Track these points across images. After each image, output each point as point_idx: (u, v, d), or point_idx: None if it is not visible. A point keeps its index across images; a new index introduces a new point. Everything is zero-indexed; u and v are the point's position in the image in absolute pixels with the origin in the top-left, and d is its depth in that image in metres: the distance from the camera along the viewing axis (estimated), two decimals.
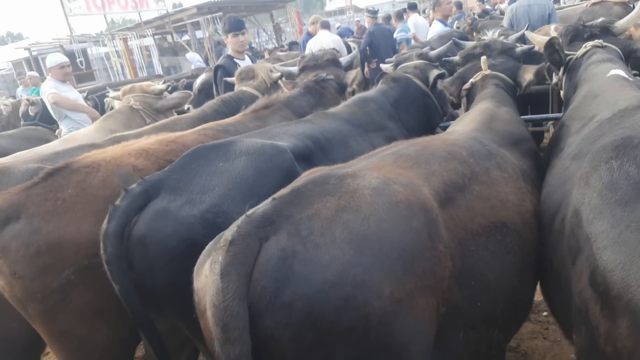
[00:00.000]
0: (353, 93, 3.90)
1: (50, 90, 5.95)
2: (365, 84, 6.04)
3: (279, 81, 4.37)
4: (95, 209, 2.21)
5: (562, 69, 3.17)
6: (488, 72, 3.11)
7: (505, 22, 6.59)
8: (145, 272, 2.02)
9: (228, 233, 1.46)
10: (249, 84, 4.33)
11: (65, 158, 2.82)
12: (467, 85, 3.17)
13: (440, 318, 1.58)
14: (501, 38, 3.72)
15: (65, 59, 6.28)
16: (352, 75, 3.97)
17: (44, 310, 2.13)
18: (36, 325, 2.20)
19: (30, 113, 6.86)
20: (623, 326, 1.37)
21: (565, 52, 3.15)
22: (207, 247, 1.63)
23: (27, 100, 7.07)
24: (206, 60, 15.21)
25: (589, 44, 3.03)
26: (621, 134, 1.73)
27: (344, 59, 4.32)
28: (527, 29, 4.50)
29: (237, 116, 3.40)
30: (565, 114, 2.72)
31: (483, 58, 3.15)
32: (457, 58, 3.55)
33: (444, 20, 7.63)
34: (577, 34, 3.24)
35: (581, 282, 1.56)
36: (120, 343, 2.36)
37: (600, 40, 3.03)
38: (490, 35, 3.74)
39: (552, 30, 4.23)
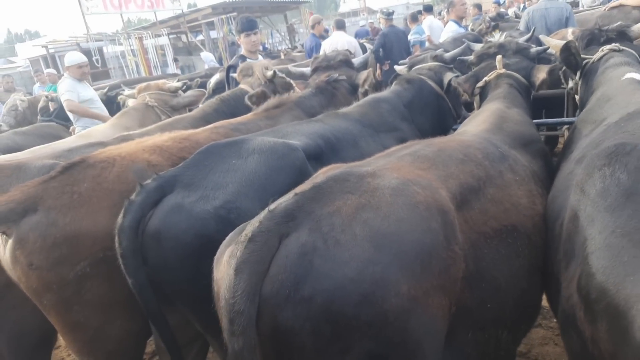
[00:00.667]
0: (366, 94, 3.89)
1: (66, 96, 5.97)
2: (378, 86, 6.03)
3: (291, 81, 4.38)
4: (111, 203, 2.25)
5: (578, 73, 3.15)
6: (502, 71, 3.10)
7: (521, 26, 6.54)
8: (159, 266, 2.04)
9: (249, 228, 1.49)
10: (247, 81, 4.35)
11: (77, 155, 2.87)
12: (481, 83, 3.16)
13: (451, 318, 1.60)
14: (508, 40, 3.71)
15: (84, 59, 6.32)
16: (364, 75, 3.95)
17: (59, 301, 2.17)
18: (51, 316, 2.24)
19: (51, 109, 6.95)
20: (603, 330, 1.39)
21: (582, 56, 3.13)
22: (228, 237, 1.67)
23: (47, 96, 7.16)
24: (220, 61, 15.29)
25: (606, 47, 3.01)
26: (616, 140, 1.76)
27: (356, 60, 4.31)
28: (534, 33, 4.48)
29: (249, 115, 3.44)
30: (579, 117, 2.70)
31: (498, 57, 3.15)
32: (471, 57, 3.53)
33: (458, 22, 7.57)
34: (593, 38, 3.22)
35: (570, 287, 1.59)
36: (133, 335, 2.39)
37: (617, 44, 3.01)
38: (496, 37, 3.75)
39: (569, 34, 4.20)
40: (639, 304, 1.26)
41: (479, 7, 10.93)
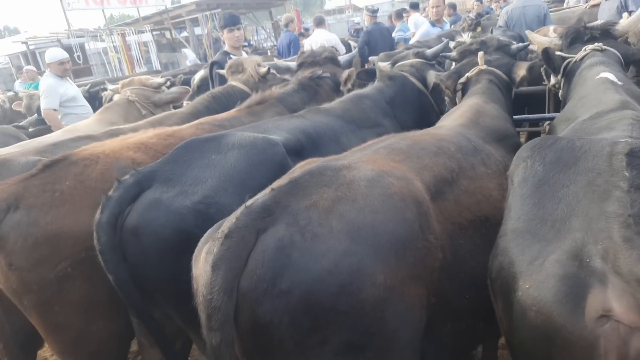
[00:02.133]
0: (350, 92, 3.87)
1: (45, 103, 5.79)
2: (363, 83, 6.02)
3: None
4: (93, 202, 2.19)
5: (561, 72, 3.19)
6: (484, 67, 3.13)
7: (500, 23, 6.63)
8: (138, 262, 2.03)
9: (226, 224, 1.50)
10: (238, 78, 4.33)
11: (63, 149, 2.81)
12: (462, 79, 3.19)
13: (430, 308, 1.62)
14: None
15: (65, 55, 6.20)
16: (345, 74, 3.92)
17: (40, 302, 2.13)
18: (32, 317, 2.20)
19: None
20: (500, 308, 1.50)
21: (564, 55, 3.17)
22: (206, 234, 1.67)
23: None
24: (205, 57, 15.17)
25: (589, 47, 3.05)
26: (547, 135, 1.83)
27: (342, 58, 4.29)
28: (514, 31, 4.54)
29: (232, 111, 3.42)
30: (557, 116, 2.76)
31: (480, 53, 3.18)
32: (454, 54, 3.56)
33: (433, 22, 7.60)
34: (578, 36, 3.26)
35: None
36: (116, 336, 2.36)
37: (600, 44, 3.04)
38: (464, 37, 3.82)
39: (551, 31, 4.25)
40: (521, 280, 1.36)
41: (453, 7, 10.97)
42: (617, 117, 1.93)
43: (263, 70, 4.24)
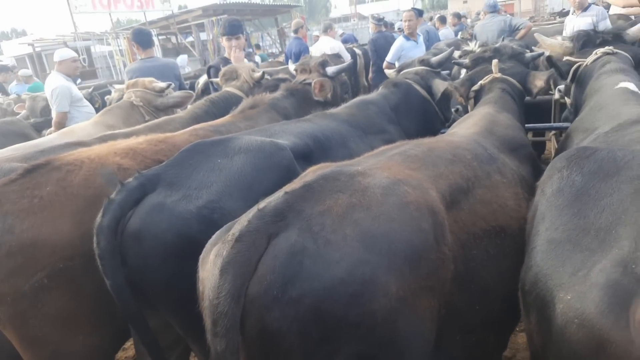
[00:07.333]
0: (326, 101, 3.82)
1: (59, 107, 5.57)
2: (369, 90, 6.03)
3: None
4: (75, 209, 2.11)
5: (570, 76, 3.15)
6: (498, 75, 3.08)
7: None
8: (139, 267, 1.98)
9: (237, 227, 1.46)
10: (232, 85, 4.33)
11: (50, 156, 2.69)
12: (475, 87, 3.15)
13: (441, 320, 1.58)
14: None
15: (75, 54, 6.17)
16: (316, 84, 3.82)
17: (14, 314, 2.02)
18: (7, 330, 2.08)
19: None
20: (534, 322, 1.45)
21: (574, 59, 3.12)
22: (214, 235, 1.63)
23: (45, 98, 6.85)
24: (208, 62, 15.22)
25: (600, 50, 3.01)
26: (582, 145, 1.82)
27: (330, 69, 4.17)
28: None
29: (227, 117, 3.39)
30: (572, 125, 2.70)
31: (494, 61, 3.14)
32: (466, 61, 3.52)
33: (407, 36, 7.56)
34: (589, 40, 3.22)
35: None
36: (97, 351, 2.24)
37: (611, 47, 3.00)
38: (472, 46, 3.82)
39: (560, 37, 4.22)
40: (562, 292, 1.30)
41: (457, 16, 10.95)
42: None
43: (257, 75, 4.26)
